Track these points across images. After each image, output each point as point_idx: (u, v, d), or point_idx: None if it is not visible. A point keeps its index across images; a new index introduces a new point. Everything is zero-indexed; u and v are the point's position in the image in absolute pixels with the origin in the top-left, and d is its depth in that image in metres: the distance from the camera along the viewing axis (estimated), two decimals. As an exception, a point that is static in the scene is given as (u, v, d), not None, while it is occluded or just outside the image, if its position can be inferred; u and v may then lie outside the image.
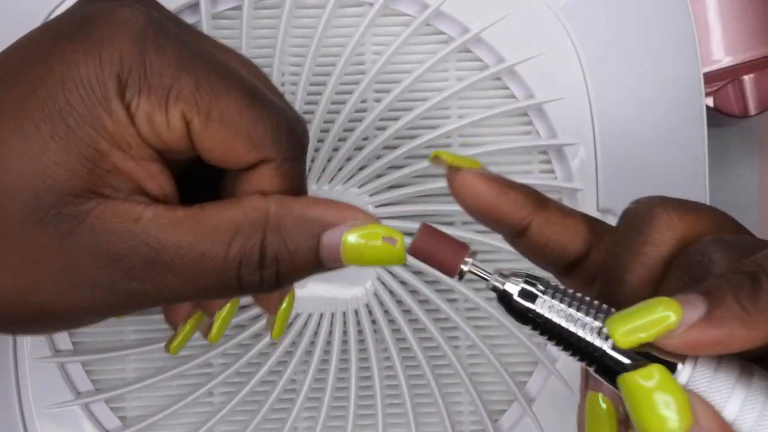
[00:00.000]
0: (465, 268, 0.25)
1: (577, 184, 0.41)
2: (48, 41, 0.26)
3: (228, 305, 0.33)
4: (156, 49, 0.26)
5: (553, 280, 0.25)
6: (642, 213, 0.26)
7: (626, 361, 0.23)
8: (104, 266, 0.26)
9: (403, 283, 0.41)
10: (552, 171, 0.42)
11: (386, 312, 0.41)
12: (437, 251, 0.25)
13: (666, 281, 0.26)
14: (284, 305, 0.33)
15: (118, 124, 0.26)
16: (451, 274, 0.25)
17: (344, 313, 0.40)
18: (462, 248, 0.25)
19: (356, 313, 0.41)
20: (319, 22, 0.40)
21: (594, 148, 0.41)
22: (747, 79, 0.48)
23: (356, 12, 0.41)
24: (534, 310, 0.24)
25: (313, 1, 0.41)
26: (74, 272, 0.26)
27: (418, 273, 0.41)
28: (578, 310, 0.24)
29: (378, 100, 0.41)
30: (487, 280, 0.25)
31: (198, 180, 0.30)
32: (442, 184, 0.40)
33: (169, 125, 0.26)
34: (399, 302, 0.41)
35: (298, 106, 0.40)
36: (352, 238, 0.27)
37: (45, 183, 0.25)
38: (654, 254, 0.26)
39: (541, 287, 0.24)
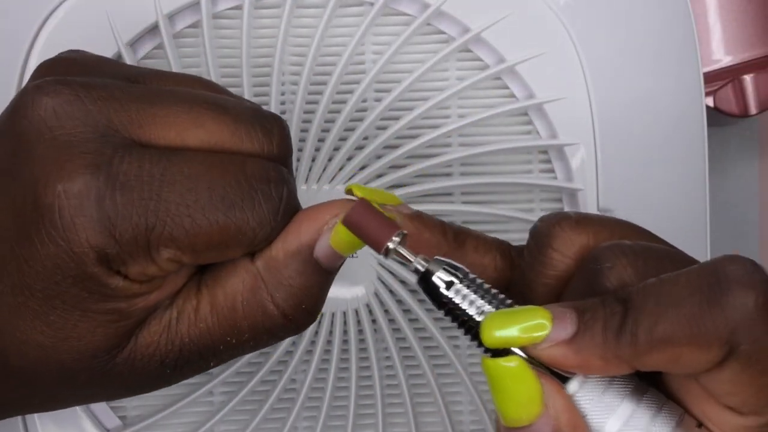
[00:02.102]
0: (391, 246, 0.26)
1: (577, 184, 0.41)
2: (15, 229, 0.26)
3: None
4: (117, 214, 0.25)
5: (472, 273, 0.26)
6: (543, 233, 0.27)
7: (521, 353, 0.24)
8: (170, 364, 0.28)
9: (403, 282, 0.41)
10: (552, 171, 0.42)
11: (386, 312, 0.41)
12: (367, 225, 0.26)
13: (571, 284, 0.26)
14: None
15: (123, 290, 0.26)
16: (377, 250, 0.26)
17: (344, 313, 0.40)
18: (391, 227, 0.26)
19: (356, 312, 0.41)
20: (319, 21, 0.40)
21: (594, 148, 0.41)
22: (747, 78, 0.48)
23: (357, 12, 0.41)
24: (447, 296, 0.25)
25: (314, 0, 0.41)
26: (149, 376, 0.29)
27: (418, 273, 0.41)
28: (489, 303, 0.25)
29: (378, 100, 0.41)
30: (410, 261, 0.26)
31: None
32: (443, 183, 0.41)
33: (165, 269, 0.27)
34: (399, 302, 0.41)
35: (299, 106, 0.40)
36: (337, 239, 0.27)
37: (89, 351, 0.27)
38: (552, 274, 0.27)
39: (458, 275, 0.25)
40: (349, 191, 0.28)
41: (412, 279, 0.40)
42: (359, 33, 0.40)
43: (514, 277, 0.28)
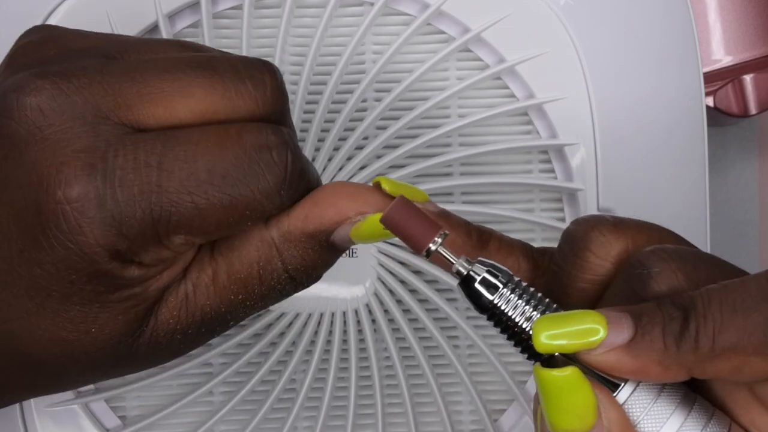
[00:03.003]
0: (433, 247, 0.25)
1: (577, 184, 0.41)
2: (20, 234, 0.26)
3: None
4: (121, 211, 0.25)
5: (516, 276, 0.25)
6: (579, 236, 0.26)
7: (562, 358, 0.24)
8: (192, 334, 0.28)
9: (403, 282, 0.41)
10: (552, 171, 0.42)
11: (386, 312, 0.41)
12: (408, 225, 0.25)
13: (610, 288, 0.26)
14: None
15: (137, 279, 0.26)
16: (418, 251, 0.25)
17: (344, 313, 0.40)
18: (434, 227, 0.25)
19: (356, 312, 0.41)
20: (319, 21, 0.40)
21: (594, 148, 0.41)
22: (747, 79, 0.48)
23: (357, 11, 0.41)
24: (491, 300, 0.24)
25: (314, 0, 0.41)
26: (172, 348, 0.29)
27: (418, 273, 0.41)
28: (534, 308, 0.24)
29: (378, 100, 0.41)
30: (452, 263, 0.25)
31: None
32: (443, 183, 0.40)
33: (179, 251, 0.27)
34: (399, 302, 0.41)
35: (299, 105, 0.40)
36: (357, 234, 0.27)
37: (113, 339, 0.27)
38: (590, 279, 0.26)
39: (503, 279, 0.24)
40: (377, 184, 0.27)
41: (413, 279, 0.40)
42: (359, 33, 0.40)
43: (546, 280, 0.28)
